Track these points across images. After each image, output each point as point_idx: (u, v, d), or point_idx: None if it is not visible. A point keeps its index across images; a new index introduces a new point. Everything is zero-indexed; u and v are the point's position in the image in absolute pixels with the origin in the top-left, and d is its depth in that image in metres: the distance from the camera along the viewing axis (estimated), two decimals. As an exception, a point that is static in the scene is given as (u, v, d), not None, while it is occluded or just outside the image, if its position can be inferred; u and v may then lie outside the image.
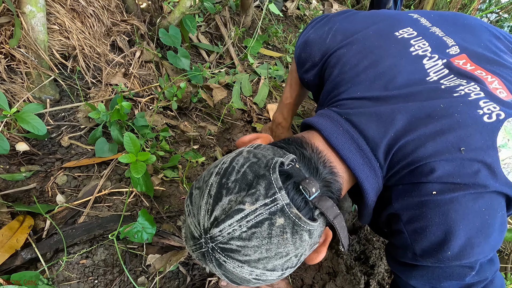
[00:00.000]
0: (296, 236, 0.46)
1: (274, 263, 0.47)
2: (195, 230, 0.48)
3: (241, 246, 0.45)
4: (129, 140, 0.81)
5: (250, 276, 0.48)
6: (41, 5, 0.93)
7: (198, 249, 0.49)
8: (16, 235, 0.75)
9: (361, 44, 0.64)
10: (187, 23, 1.36)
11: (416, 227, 0.52)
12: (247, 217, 0.44)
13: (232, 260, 0.46)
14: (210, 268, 0.50)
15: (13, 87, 0.95)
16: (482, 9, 3.31)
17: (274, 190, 0.45)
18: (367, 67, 0.60)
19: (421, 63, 0.58)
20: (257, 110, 1.53)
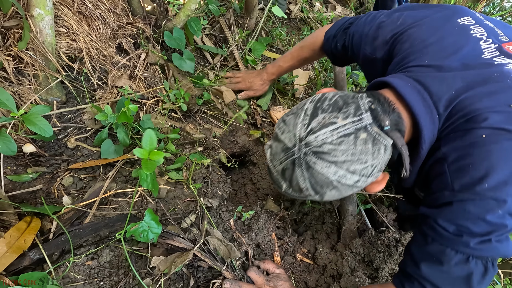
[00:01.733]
0: (375, 147, 0.59)
1: (355, 167, 0.58)
2: (289, 141, 0.62)
3: (331, 149, 0.58)
4: (149, 138, 0.80)
5: (333, 176, 0.59)
6: (49, 8, 0.94)
7: (288, 158, 0.62)
8: (24, 236, 0.75)
9: (429, 24, 0.77)
10: (192, 25, 1.37)
11: (460, 165, 0.61)
12: (338, 129, 0.58)
13: (322, 160, 0.58)
14: (296, 176, 0.62)
15: (21, 89, 0.96)
16: (486, 12, 3.31)
17: (361, 111, 0.60)
18: (433, 42, 0.72)
19: (478, 44, 0.70)
20: (261, 113, 1.53)
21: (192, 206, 1.02)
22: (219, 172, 1.15)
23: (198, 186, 1.05)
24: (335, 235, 1.24)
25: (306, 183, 0.62)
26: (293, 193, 0.67)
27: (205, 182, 1.11)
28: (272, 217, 1.15)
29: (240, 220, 1.08)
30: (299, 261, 1.10)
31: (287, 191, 0.67)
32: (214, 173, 1.14)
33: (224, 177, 1.16)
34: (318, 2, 2.54)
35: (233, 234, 1.02)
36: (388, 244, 1.14)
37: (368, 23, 0.90)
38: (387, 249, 1.10)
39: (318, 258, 1.10)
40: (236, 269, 0.89)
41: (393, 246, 1.13)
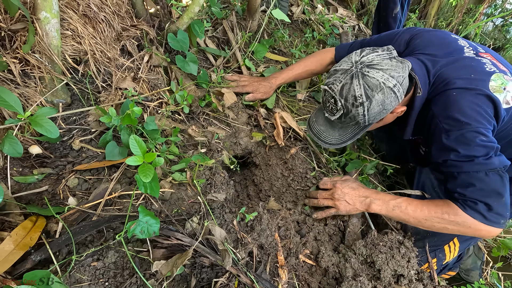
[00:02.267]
0: (403, 65, 0.94)
1: (393, 73, 0.91)
2: (347, 65, 0.94)
3: (378, 62, 0.92)
4: (135, 143, 0.83)
5: (381, 78, 0.90)
6: (56, 12, 0.95)
7: (347, 75, 0.92)
8: (30, 234, 0.76)
9: (433, 33, 1.13)
10: (195, 28, 1.38)
11: (444, 115, 0.95)
12: (379, 54, 0.94)
13: (373, 69, 0.91)
14: (353, 87, 0.91)
15: (27, 91, 0.97)
16: (487, 14, 3.31)
17: (391, 49, 0.97)
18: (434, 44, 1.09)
19: (462, 49, 1.06)
20: (263, 115, 1.54)
21: (196, 207, 1.03)
22: (222, 173, 1.16)
23: (202, 181, 1.06)
24: (337, 237, 1.24)
25: (361, 90, 0.90)
26: (343, 112, 0.96)
27: (208, 183, 1.11)
28: (274, 218, 1.16)
29: (243, 222, 1.08)
30: (302, 262, 1.10)
31: (330, 114, 1.00)
32: (218, 175, 1.14)
33: (227, 178, 1.17)
34: (320, 4, 2.55)
35: (237, 234, 1.02)
36: (391, 246, 1.15)
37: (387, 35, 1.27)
38: (390, 251, 1.10)
39: (321, 260, 1.11)
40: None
41: (395, 248, 1.13)
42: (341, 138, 1.07)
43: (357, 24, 2.65)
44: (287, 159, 1.43)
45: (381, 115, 0.96)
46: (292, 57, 1.91)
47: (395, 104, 0.94)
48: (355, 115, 0.95)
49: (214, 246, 0.87)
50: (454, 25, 3.15)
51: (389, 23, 2.00)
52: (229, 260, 0.82)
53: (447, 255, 1.21)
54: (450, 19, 3.22)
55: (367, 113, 0.94)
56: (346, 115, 0.96)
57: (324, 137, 1.09)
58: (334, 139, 1.08)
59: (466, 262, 1.44)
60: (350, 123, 1.02)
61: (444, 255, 1.22)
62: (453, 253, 1.20)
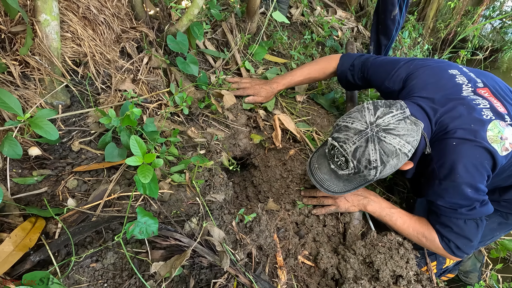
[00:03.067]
0: (417, 127, 0.92)
1: (409, 139, 0.90)
2: (361, 126, 0.91)
3: (395, 127, 0.89)
4: (136, 143, 0.83)
5: (397, 145, 0.89)
6: (55, 14, 0.96)
7: (362, 138, 0.90)
8: (29, 235, 0.76)
9: (430, 71, 1.12)
10: (194, 30, 1.39)
11: (441, 162, 0.97)
12: (395, 116, 0.91)
13: (390, 135, 0.88)
14: (368, 151, 0.89)
15: (27, 93, 0.97)
16: (485, 16, 3.32)
17: (404, 108, 0.93)
18: (431, 83, 1.08)
19: (460, 87, 1.06)
20: (263, 116, 1.54)
21: (195, 208, 1.03)
22: (221, 175, 1.16)
23: (201, 182, 1.06)
24: (336, 238, 1.25)
25: (376, 155, 0.89)
26: (353, 172, 0.94)
27: (207, 185, 1.12)
28: (273, 219, 1.16)
29: (242, 223, 1.09)
30: (300, 263, 1.10)
31: (349, 171, 0.95)
32: (217, 176, 1.15)
33: (226, 180, 1.17)
34: (319, 6, 2.56)
35: (236, 235, 1.03)
36: (390, 247, 1.15)
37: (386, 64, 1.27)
38: (388, 251, 1.11)
39: (320, 262, 1.11)
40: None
41: (394, 249, 1.13)
42: (345, 187, 1.08)
43: (355, 26, 2.66)
44: (286, 161, 1.44)
45: (389, 173, 0.98)
46: (291, 59, 1.92)
47: (404, 162, 0.96)
48: (366, 175, 0.95)
49: (212, 247, 0.88)
50: (453, 27, 3.17)
51: (387, 25, 2.01)
52: (227, 260, 0.82)
53: (447, 259, 1.22)
54: (448, 21, 3.23)
55: (379, 175, 0.94)
56: (356, 173, 0.95)
57: (328, 186, 1.08)
58: (337, 188, 1.08)
59: (465, 264, 1.44)
60: (357, 179, 1.04)
61: (445, 258, 1.22)
62: None
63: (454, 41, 2.97)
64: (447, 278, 1.36)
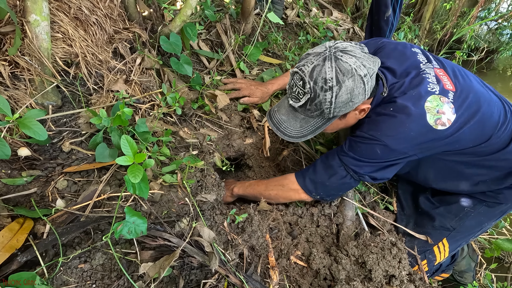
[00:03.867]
0: (373, 60, 0.95)
1: (365, 63, 0.91)
2: (320, 49, 0.93)
3: (352, 50, 0.92)
4: (126, 143, 0.83)
5: (354, 65, 0.89)
6: (45, 14, 0.95)
7: (320, 56, 0.91)
8: (16, 236, 0.76)
9: (394, 47, 1.16)
10: (188, 31, 1.39)
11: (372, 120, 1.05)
12: (352, 45, 0.94)
13: (347, 55, 0.90)
14: (324, 69, 0.90)
15: (17, 93, 0.97)
16: (481, 17, 3.34)
17: (363, 47, 0.98)
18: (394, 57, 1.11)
19: (419, 63, 1.08)
20: (256, 117, 1.54)
21: (186, 209, 1.03)
22: (213, 175, 1.16)
23: (191, 182, 1.05)
24: (329, 238, 1.24)
25: (332, 72, 0.89)
26: (309, 97, 0.94)
27: (199, 185, 1.11)
28: (265, 219, 1.16)
29: (234, 223, 1.08)
30: (293, 263, 1.10)
31: (305, 99, 0.95)
32: (209, 177, 1.14)
33: (218, 180, 1.16)
34: (314, 7, 2.57)
35: (227, 236, 1.02)
36: (382, 247, 1.15)
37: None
38: (381, 251, 1.10)
39: (313, 262, 1.10)
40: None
41: (387, 249, 1.13)
42: (301, 130, 1.02)
43: (351, 27, 2.67)
44: (280, 161, 1.43)
45: (347, 108, 0.95)
46: (286, 60, 1.92)
47: (362, 98, 0.94)
48: (322, 101, 0.92)
49: (202, 247, 0.87)
50: (449, 28, 3.18)
51: (381, 26, 2.02)
52: (216, 261, 0.82)
53: (437, 256, 1.21)
54: (444, 22, 3.25)
55: (335, 101, 0.92)
56: (313, 100, 0.93)
57: (284, 128, 1.04)
58: (294, 131, 1.03)
59: (460, 264, 1.44)
60: (314, 113, 0.98)
61: (434, 256, 1.21)
62: (443, 253, 1.20)
63: (449, 42, 2.98)
64: (442, 278, 1.36)
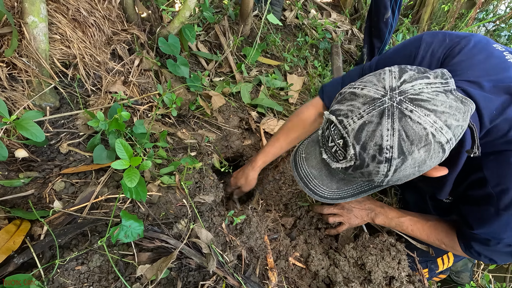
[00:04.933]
0: (466, 108, 0.59)
1: (451, 121, 0.56)
2: (376, 93, 0.58)
3: (430, 98, 0.56)
4: (121, 146, 0.82)
5: (431, 128, 0.55)
6: (43, 16, 0.95)
7: (375, 109, 0.57)
8: (13, 238, 0.76)
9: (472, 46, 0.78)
10: (186, 32, 1.39)
11: (503, 187, 0.69)
12: (431, 84, 0.58)
13: (421, 108, 0.55)
14: (381, 131, 0.56)
15: (14, 94, 0.97)
16: (479, 19, 3.35)
17: (447, 76, 0.60)
18: (478, 63, 0.75)
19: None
20: (255, 118, 1.54)
21: (184, 210, 1.03)
22: (211, 177, 1.16)
23: (189, 183, 1.05)
24: (328, 240, 1.24)
25: (393, 139, 0.56)
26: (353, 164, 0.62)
27: (197, 186, 1.11)
28: (264, 220, 1.15)
29: (232, 225, 1.08)
30: (291, 265, 1.10)
31: (346, 163, 0.63)
32: (207, 178, 1.14)
33: (216, 181, 1.16)
34: (313, 9, 2.58)
35: (225, 237, 1.02)
36: (382, 248, 1.14)
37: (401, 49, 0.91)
38: (380, 253, 1.10)
39: (311, 264, 1.10)
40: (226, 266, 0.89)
41: (386, 250, 1.13)
42: (339, 192, 0.76)
43: (350, 29, 2.68)
44: (278, 163, 1.43)
45: (408, 178, 0.64)
46: (285, 61, 1.92)
47: (434, 164, 0.62)
48: (372, 172, 0.61)
49: (200, 249, 0.87)
50: (447, 30, 3.19)
51: (380, 27, 2.03)
52: (214, 262, 0.82)
53: (440, 267, 1.20)
54: (442, 24, 3.26)
55: (392, 174, 0.60)
56: (358, 168, 0.62)
57: (314, 186, 0.76)
58: (328, 191, 0.76)
59: (457, 264, 1.44)
60: (359, 179, 0.67)
61: (437, 266, 1.20)
62: (447, 264, 1.19)
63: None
64: (439, 279, 1.36)
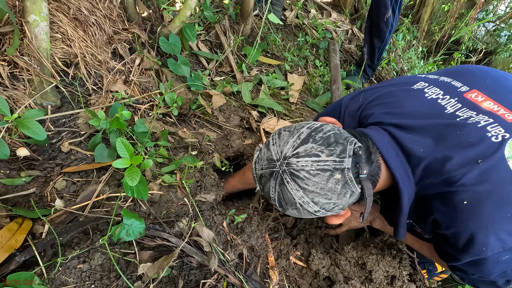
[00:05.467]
0: (343, 190, 0.66)
1: (319, 199, 0.66)
2: (276, 155, 0.69)
3: (306, 177, 0.64)
4: (122, 145, 0.82)
5: (299, 200, 0.67)
6: (45, 15, 0.96)
7: (269, 168, 0.70)
8: (15, 236, 0.76)
9: (387, 95, 0.84)
10: (187, 31, 1.39)
11: (454, 231, 0.68)
12: (319, 162, 0.64)
13: (295, 183, 0.65)
14: (269, 185, 0.70)
15: (16, 93, 0.97)
16: (479, 19, 3.35)
17: (345, 155, 0.65)
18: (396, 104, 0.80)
19: (437, 103, 0.75)
20: (255, 117, 1.54)
21: (185, 209, 1.03)
22: (212, 175, 1.16)
23: (190, 182, 1.05)
24: (328, 239, 1.24)
25: (275, 195, 0.70)
26: (262, 194, 0.76)
27: (198, 185, 1.11)
28: (265, 219, 1.15)
29: (233, 224, 1.08)
30: (292, 263, 1.10)
31: (259, 191, 0.77)
32: (208, 177, 1.14)
33: (217, 180, 1.16)
34: (313, 9, 2.58)
35: (226, 236, 1.02)
36: (382, 247, 1.15)
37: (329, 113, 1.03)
38: (380, 252, 1.10)
39: (312, 263, 1.10)
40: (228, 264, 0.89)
41: (386, 249, 1.13)
42: None
43: (350, 29, 2.68)
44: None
45: (308, 217, 0.74)
46: (285, 60, 1.92)
47: (338, 209, 0.71)
48: (273, 204, 0.75)
49: (201, 247, 0.87)
50: (447, 30, 3.19)
51: (380, 27, 2.03)
52: (215, 260, 0.82)
53: (438, 268, 1.21)
54: (443, 24, 3.26)
55: (291, 214, 0.73)
56: (266, 196, 0.76)
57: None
58: None
59: (459, 263, 1.43)
60: None
61: (435, 268, 1.21)
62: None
63: (447, 44, 2.99)
64: (440, 279, 1.35)
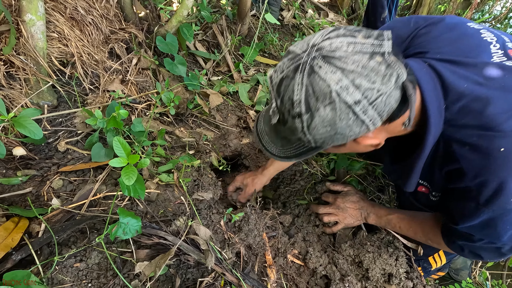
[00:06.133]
0: (388, 71, 0.54)
1: (361, 81, 0.53)
2: (300, 49, 0.58)
3: (343, 56, 0.53)
4: (119, 144, 0.82)
5: (335, 86, 0.53)
6: (41, 14, 0.96)
7: (292, 64, 0.57)
8: (12, 235, 0.76)
9: (443, 26, 0.75)
10: (184, 31, 1.39)
11: (481, 180, 0.63)
12: (355, 44, 0.54)
13: (329, 65, 0.53)
14: (293, 85, 0.57)
15: (12, 92, 0.97)
16: (475, 19, 3.37)
17: (384, 37, 0.56)
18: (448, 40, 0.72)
19: (488, 48, 0.69)
20: (253, 117, 1.55)
21: (182, 208, 1.03)
22: (209, 174, 1.16)
23: (188, 180, 1.05)
24: (326, 238, 1.24)
25: (301, 94, 0.56)
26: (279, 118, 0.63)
27: (195, 184, 1.11)
28: (262, 218, 1.16)
29: (230, 222, 1.08)
30: (290, 262, 1.10)
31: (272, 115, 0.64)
32: (205, 176, 1.14)
33: (214, 179, 1.17)
34: (310, 9, 2.59)
35: (224, 235, 1.02)
36: (379, 245, 1.15)
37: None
38: (377, 250, 1.10)
39: (309, 261, 1.10)
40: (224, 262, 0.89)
41: (383, 247, 1.13)
42: (283, 151, 0.74)
43: (347, 29, 2.69)
44: (277, 161, 1.44)
45: (334, 141, 0.61)
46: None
47: (359, 131, 0.58)
48: (293, 128, 0.62)
49: (198, 245, 0.87)
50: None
51: (377, 27, 2.04)
52: (212, 259, 0.82)
53: (433, 265, 1.21)
54: (439, 24, 3.28)
55: (308, 132, 0.60)
56: (284, 123, 0.63)
57: (265, 142, 0.77)
58: (275, 149, 0.76)
59: (456, 261, 1.44)
60: (291, 136, 0.67)
61: (430, 265, 1.21)
62: (439, 262, 1.20)
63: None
64: (438, 277, 1.36)
